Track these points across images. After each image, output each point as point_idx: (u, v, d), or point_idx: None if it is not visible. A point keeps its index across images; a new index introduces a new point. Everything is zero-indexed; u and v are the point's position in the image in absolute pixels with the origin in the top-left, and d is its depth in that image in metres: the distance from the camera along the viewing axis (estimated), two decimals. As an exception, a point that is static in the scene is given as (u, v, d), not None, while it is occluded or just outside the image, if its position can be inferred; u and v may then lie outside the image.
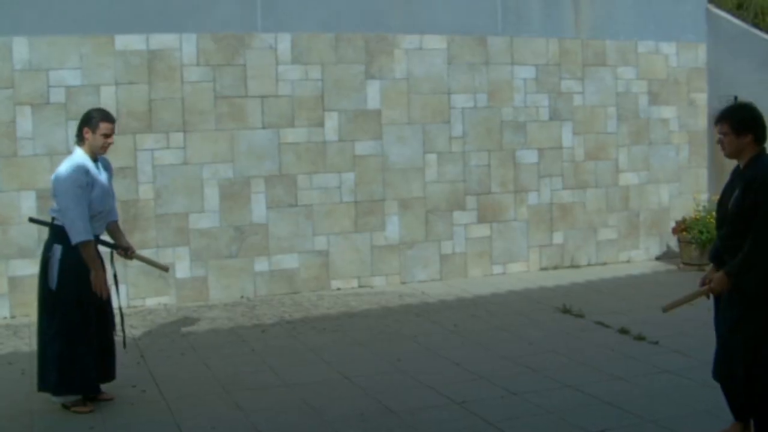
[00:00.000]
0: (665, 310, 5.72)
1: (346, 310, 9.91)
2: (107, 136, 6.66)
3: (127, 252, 7.07)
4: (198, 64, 10.31)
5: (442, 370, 7.53)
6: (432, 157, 11.30)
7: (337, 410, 6.57)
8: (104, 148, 6.71)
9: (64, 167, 6.55)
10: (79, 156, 6.63)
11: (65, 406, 6.62)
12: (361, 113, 10.98)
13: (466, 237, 11.49)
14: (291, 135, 10.71)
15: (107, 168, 6.93)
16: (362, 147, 11.01)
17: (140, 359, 8.13)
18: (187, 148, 10.27)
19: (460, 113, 11.41)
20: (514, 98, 11.69)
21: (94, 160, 6.71)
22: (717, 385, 6.83)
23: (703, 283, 5.58)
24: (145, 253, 10.04)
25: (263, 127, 10.58)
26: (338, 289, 10.99)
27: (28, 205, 9.74)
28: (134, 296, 10.19)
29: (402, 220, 11.09)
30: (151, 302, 10.26)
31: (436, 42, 11.33)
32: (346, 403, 6.75)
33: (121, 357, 8.13)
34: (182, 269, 10.35)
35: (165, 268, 7.70)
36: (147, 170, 10.17)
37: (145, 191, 10.18)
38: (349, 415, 6.48)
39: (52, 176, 6.64)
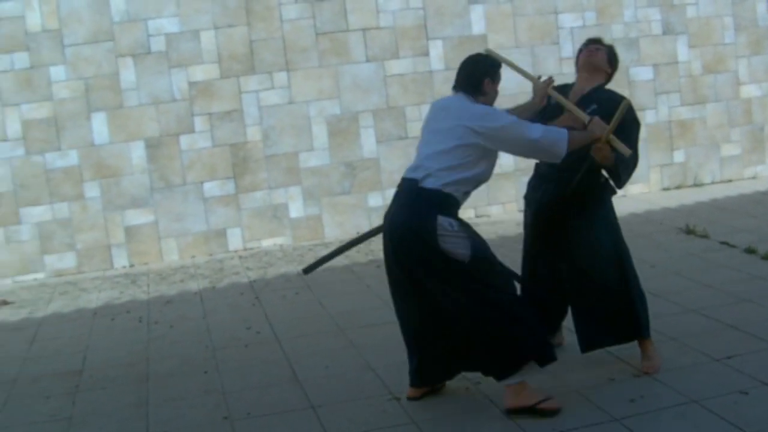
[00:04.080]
0: None
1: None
2: None
3: None
4: (296, 2, 10.16)
5: (560, 298, 7.33)
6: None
7: (452, 345, 6.45)
8: (494, 101, 5.40)
9: (481, 107, 5.18)
10: None
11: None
12: (466, 39, 10.70)
13: (583, 160, 11.16)
14: (396, 66, 10.52)
15: None
16: (470, 74, 10.74)
17: (255, 300, 8.13)
18: (291, 87, 10.19)
19: (569, 33, 11.03)
20: (623, 14, 11.23)
21: None
22: None
23: None
24: (257, 195, 10.10)
25: (367, 61, 10.41)
26: (454, 220, 10.82)
27: (138, 155, 9.84)
28: (249, 238, 10.22)
29: (515, 146, 10.83)
30: (266, 243, 10.27)
31: (540, -40, 10.98)
32: (462, 337, 6.62)
33: (238, 299, 8.22)
34: (295, 209, 10.31)
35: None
36: (253, 112, 10.12)
37: (253, 133, 10.14)
38: (464, 349, 6.35)
39: (474, 126, 5.06)
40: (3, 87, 9.56)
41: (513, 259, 6.45)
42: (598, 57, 5.70)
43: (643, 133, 11.06)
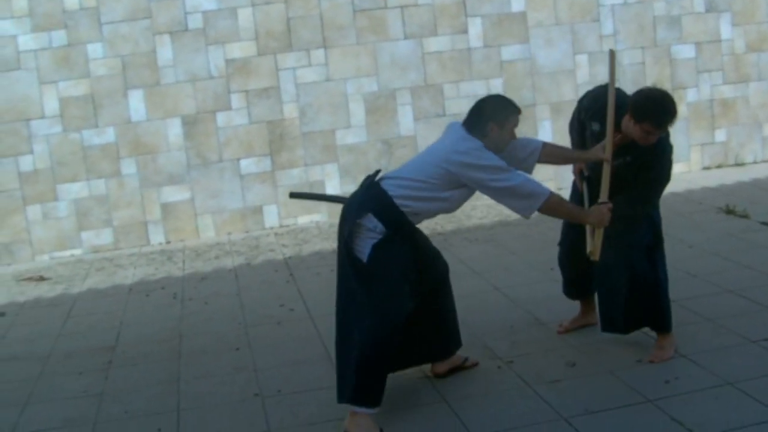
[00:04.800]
0: None
1: (499, 220, 9.67)
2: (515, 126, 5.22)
3: None
4: (334, -22, 10.14)
5: (596, 278, 7.26)
6: (582, 58, 10.86)
7: (486, 323, 6.41)
8: (504, 147, 5.20)
9: (471, 142, 5.02)
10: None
11: None
12: (506, 17, 10.59)
13: (622, 139, 11.02)
14: (434, 44, 10.43)
15: None
16: (509, 52, 10.65)
17: (290, 278, 8.14)
18: (329, 64, 10.14)
19: (610, 10, 10.87)
20: (666, -9, 11.10)
21: None
22: None
23: None
24: (294, 172, 10.09)
25: (405, 38, 10.33)
26: (492, 198, 10.73)
27: (175, 132, 9.85)
28: (286, 216, 10.21)
29: (554, 124, 10.73)
30: (302, 220, 10.25)
31: (581, -64, 10.83)
32: (496, 316, 6.59)
33: (273, 276, 8.22)
34: (332, 186, 10.27)
35: None
36: (290, 89, 10.09)
37: (290, 110, 10.11)
38: (498, 328, 6.32)
39: (449, 155, 4.95)
40: (41, 64, 9.59)
41: (551, 238, 6.42)
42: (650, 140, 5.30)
43: (683, 112, 11.00)
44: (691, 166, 11.24)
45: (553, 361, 5.62)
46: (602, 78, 10.67)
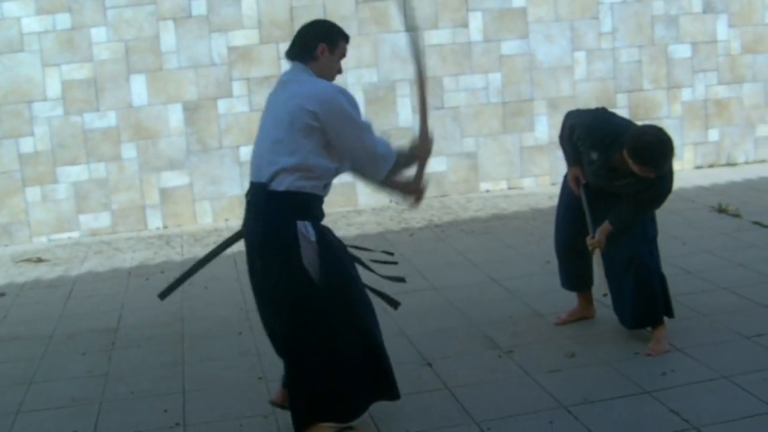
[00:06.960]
0: None
1: (495, 213, 9.78)
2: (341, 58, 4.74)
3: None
4: (338, -32, 10.20)
5: (592, 272, 7.37)
6: (581, 55, 10.96)
7: (485, 314, 6.50)
8: (334, 77, 4.71)
9: (326, 84, 4.52)
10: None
11: None
12: (507, 12, 10.68)
13: (617, 136, 11.11)
14: (435, 37, 10.52)
15: None
16: (508, 46, 10.74)
17: (289, 266, 8.19)
18: (330, 54, 10.21)
19: (609, 8, 10.97)
20: (665, -10, 11.21)
21: None
22: None
23: None
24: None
25: (406, 30, 10.38)
26: (487, 191, 10.84)
27: (176, 117, 9.91)
28: (283, 204, 10.26)
29: (551, 120, 10.82)
30: (299, 210, 10.31)
31: (582, -66, 10.92)
32: (495, 307, 6.67)
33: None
34: (329, 176, 10.33)
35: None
36: (291, 78, 10.15)
37: (290, 99, 10.17)
38: (497, 319, 6.40)
39: (309, 101, 4.35)
40: (44, 47, 9.64)
41: (547, 231, 6.50)
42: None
43: (678, 111, 11.11)
44: (683, 165, 11.33)
45: (552, 351, 5.72)
46: (600, 74, 10.83)
